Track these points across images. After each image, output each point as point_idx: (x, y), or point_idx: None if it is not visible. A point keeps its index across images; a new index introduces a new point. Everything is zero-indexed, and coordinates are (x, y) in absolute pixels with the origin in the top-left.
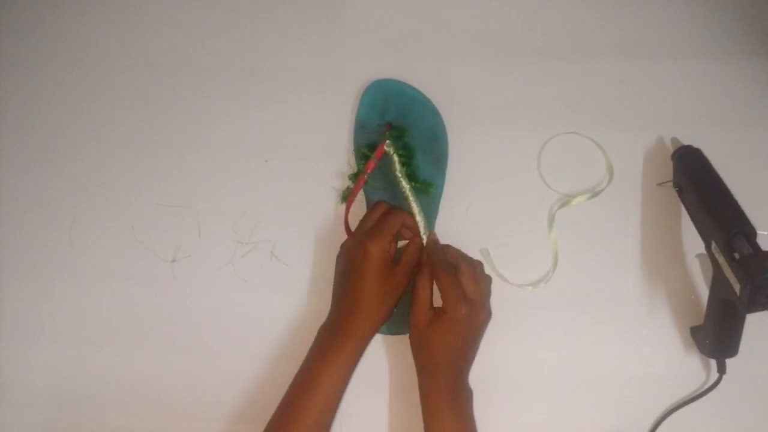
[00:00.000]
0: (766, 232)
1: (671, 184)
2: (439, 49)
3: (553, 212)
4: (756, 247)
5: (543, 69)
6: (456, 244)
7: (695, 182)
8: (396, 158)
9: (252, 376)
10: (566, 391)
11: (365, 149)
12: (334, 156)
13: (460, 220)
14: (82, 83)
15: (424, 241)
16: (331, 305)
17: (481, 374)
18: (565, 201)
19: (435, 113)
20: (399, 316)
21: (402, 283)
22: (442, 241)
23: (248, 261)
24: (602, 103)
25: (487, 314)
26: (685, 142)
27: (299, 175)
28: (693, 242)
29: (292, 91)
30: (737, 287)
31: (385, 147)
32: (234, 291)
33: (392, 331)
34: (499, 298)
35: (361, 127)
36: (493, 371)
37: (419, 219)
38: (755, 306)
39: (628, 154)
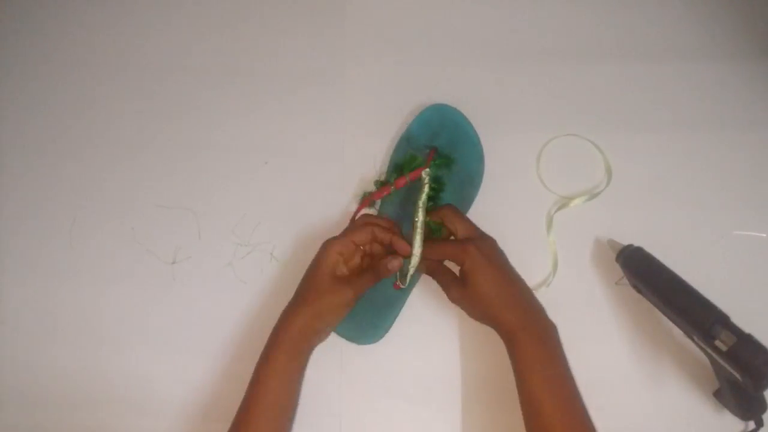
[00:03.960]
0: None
1: (627, 283)
2: (438, 51)
3: (551, 214)
4: (737, 332)
5: (542, 71)
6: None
7: (648, 284)
8: (426, 188)
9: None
10: None
11: (403, 161)
12: (333, 157)
13: None
14: (83, 85)
15: (408, 275)
16: None
17: (483, 378)
18: (563, 203)
19: (480, 158)
20: (365, 325)
21: (347, 295)
22: None
23: (248, 262)
24: (601, 105)
25: (487, 237)
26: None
27: (299, 177)
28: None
29: (291, 93)
30: (737, 374)
31: (423, 173)
32: (234, 292)
33: (362, 341)
34: None
35: (406, 140)
36: (495, 375)
37: (416, 254)
38: (762, 387)
39: (627, 155)
